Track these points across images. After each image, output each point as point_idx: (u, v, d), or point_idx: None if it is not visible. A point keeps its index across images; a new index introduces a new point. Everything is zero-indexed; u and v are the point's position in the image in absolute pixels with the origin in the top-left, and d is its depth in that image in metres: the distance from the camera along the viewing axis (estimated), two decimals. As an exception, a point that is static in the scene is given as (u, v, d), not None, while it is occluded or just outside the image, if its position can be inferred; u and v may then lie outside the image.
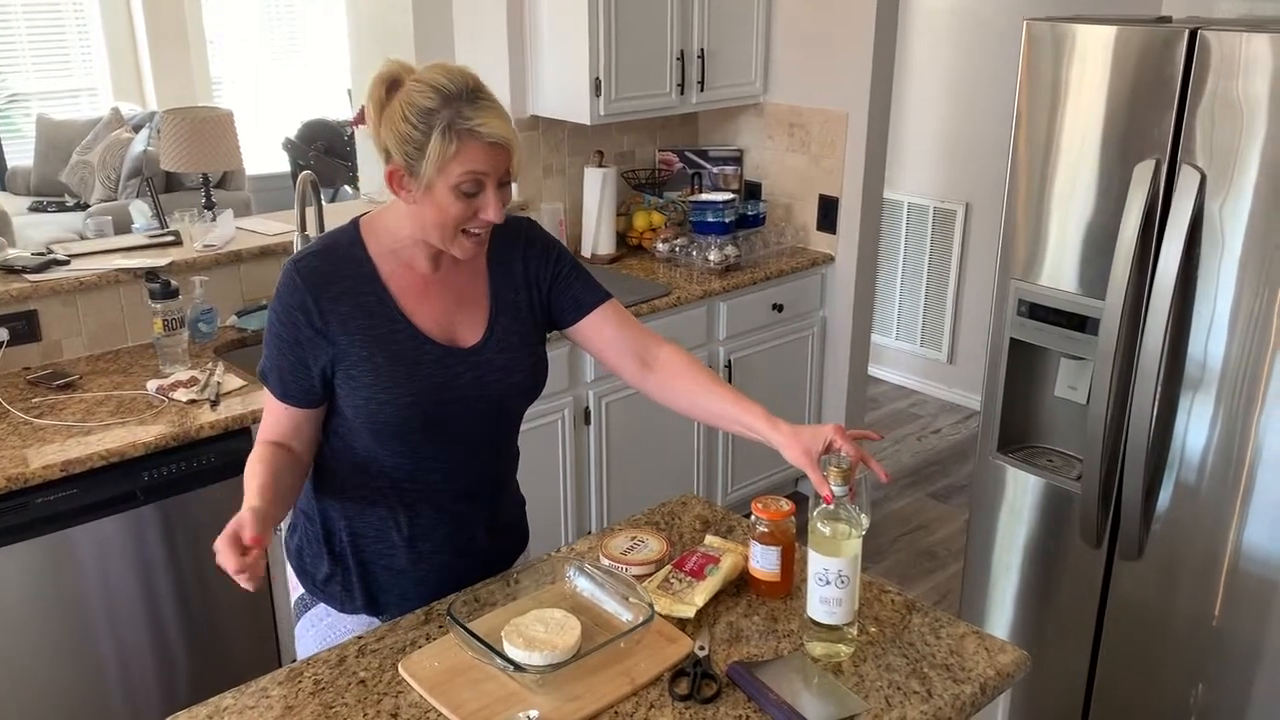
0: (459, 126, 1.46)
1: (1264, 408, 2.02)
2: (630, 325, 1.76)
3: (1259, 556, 2.09)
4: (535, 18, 3.45)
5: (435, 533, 1.70)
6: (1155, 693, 2.31)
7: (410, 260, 1.62)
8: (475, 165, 1.48)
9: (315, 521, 1.73)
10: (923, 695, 1.48)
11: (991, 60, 4.53)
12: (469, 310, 1.66)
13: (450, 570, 1.73)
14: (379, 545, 1.70)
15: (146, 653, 2.47)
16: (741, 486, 3.74)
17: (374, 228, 1.62)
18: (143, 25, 7.39)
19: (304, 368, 1.57)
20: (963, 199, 4.80)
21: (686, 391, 1.72)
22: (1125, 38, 2.09)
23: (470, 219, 1.53)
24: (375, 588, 1.72)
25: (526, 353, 1.70)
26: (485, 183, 1.50)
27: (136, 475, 2.34)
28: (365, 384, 1.57)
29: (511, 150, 1.51)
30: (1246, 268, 2.00)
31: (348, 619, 1.74)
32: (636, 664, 1.51)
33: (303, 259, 1.58)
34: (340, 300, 1.57)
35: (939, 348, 5.07)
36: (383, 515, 1.68)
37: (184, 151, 4.73)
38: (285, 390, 1.60)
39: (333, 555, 1.72)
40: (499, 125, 1.48)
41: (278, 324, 1.58)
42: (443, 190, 1.49)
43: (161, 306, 2.65)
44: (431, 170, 1.47)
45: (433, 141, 1.46)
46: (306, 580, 1.76)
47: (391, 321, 1.59)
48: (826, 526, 1.52)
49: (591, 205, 3.65)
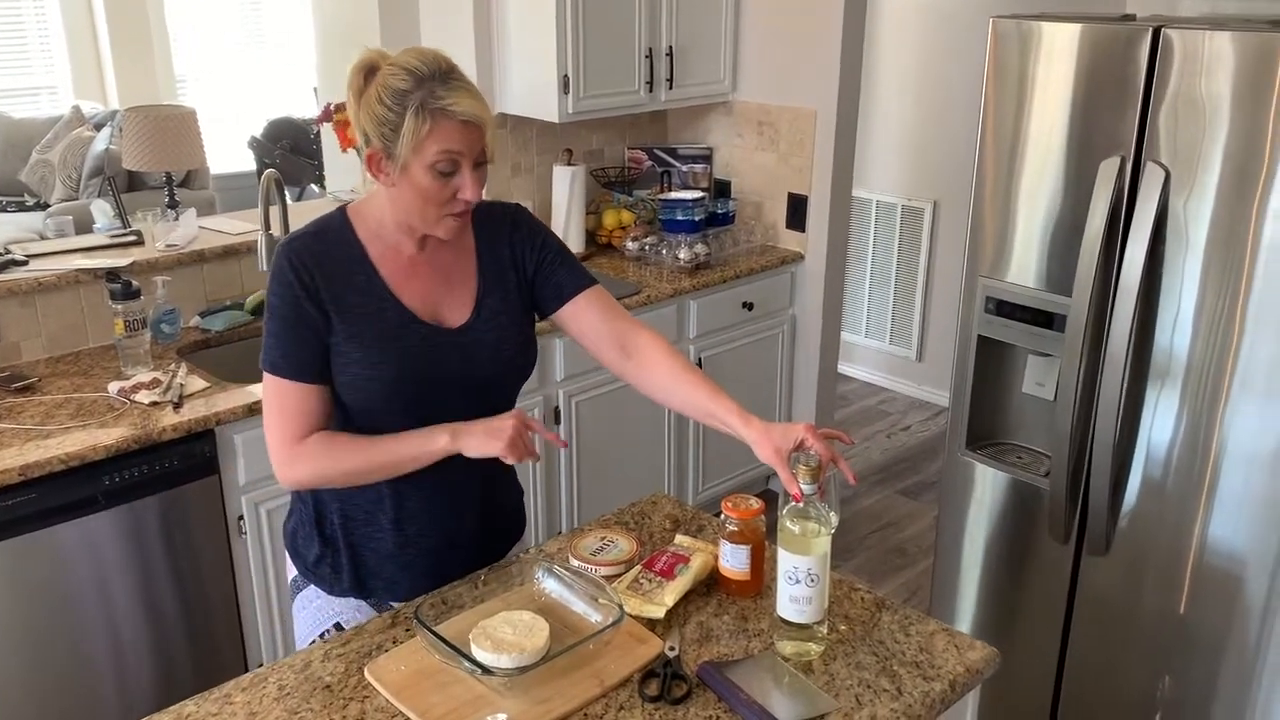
0: (432, 106, 1.49)
1: (1228, 403, 2.04)
2: (613, 312, 1.78)
3: (1224, 550, 2.11)
4: (502, 15, 3.42)
5: (423, 517, 1.70)
6: (1122, 685, 2.33)
7: (397, 243, 1.65)
8: (449, 144, 1.51)
9: (309, 504, 1.74)
10: (893, 693, 1.47)
11: (959, 58, 4.55)
12: (456, 290, 1.68)
13: (439, 556, 1.73)
14: (368, 528, 1.71)
15: (107, 660, 2.42)
16: (712, 485, 3.74)
17: (361, 214, 1.66)
18: (104, 22, 7.28)
19: (314, 340, 1.59)
20: (930, 197, 4.82)
21: (663, 381, 1.74)
22: (1090, 36, 2.10)
23: (449, 200, 1.56)
24: (363, 571, 1.73)
25: (514, 332, 1.71)
26: (461, 162, 1.53)
27: (97, 479, 2.30)
28: (353, 360, 1.59)
29: (484, 128, 1.54)
30: (1210, 264, 2.01)
31: (336, 601, 1.75)
32: (606, 665, 1.50)
33: (295, 240, 1.62)
34: (332, 280, 1.59)
35: (908, 345, 5.09)
36: (372, 498, 1.69)
37: (146, 150, 4.66)
38: (301, 368, 1.59)
39: (323, 538, 1.73)
40: (471, 104, 1.52)
41: (280, 304, 1.59)
42: (419, 170, 1.52)
43: (122, 307, 2.61)
44: (407, 150, 1.51)
45: (407, 122, 1.49)
46: (299, 562, 1.78)
47: (380, 300, 1.61)
48: (796, 525, 1.51)
49: (560, 203, 3.63)
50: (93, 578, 2.36)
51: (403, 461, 1.60)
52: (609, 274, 3.51)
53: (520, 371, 1.75)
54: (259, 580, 2.61)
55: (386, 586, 1.74)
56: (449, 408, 1.64)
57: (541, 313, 1.78)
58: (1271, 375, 1.97)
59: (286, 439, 1.60)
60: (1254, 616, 2.09)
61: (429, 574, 1.72)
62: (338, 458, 1.60)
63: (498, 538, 1.84)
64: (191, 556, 2.49)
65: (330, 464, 1.60)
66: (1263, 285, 1.95)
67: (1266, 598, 2.07)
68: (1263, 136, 1.90)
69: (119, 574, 2.39)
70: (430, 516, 1.71)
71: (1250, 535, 2.06)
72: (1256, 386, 2.00)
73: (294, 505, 1.80)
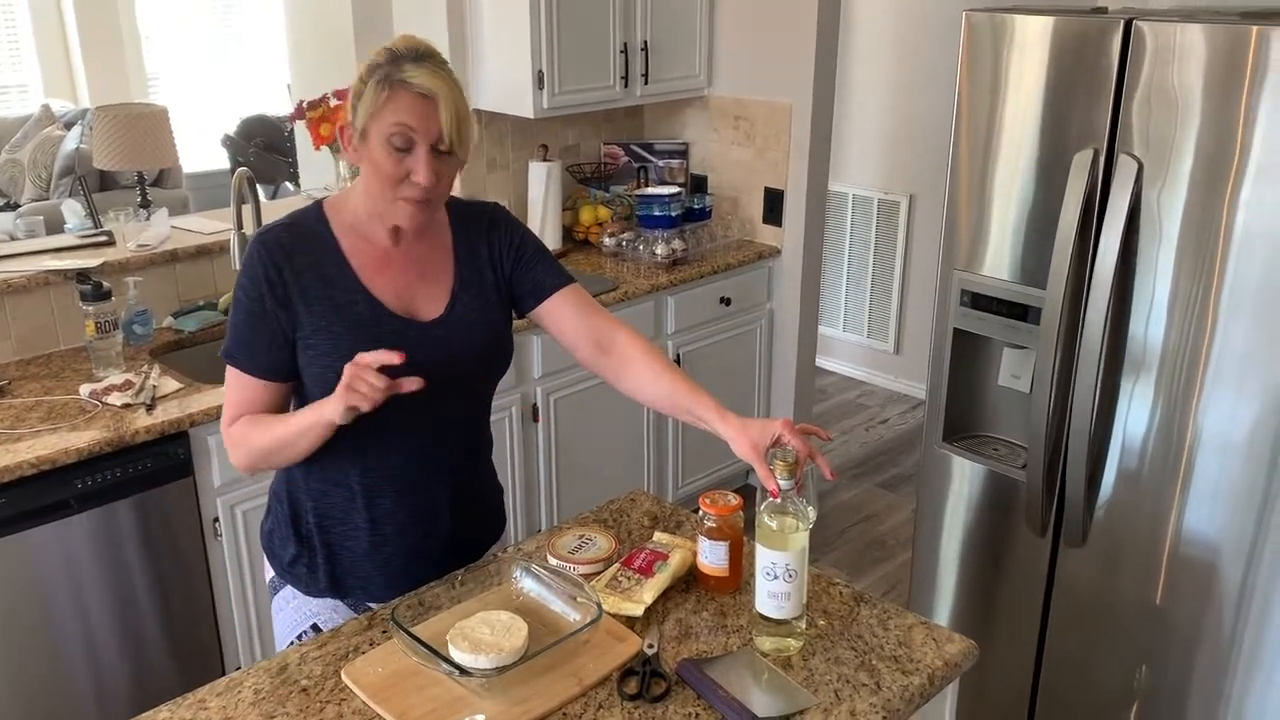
0: (394, 78, 1.51)
1: (1202, 392, 2.05)
2: (591, 310, 1.78)
3: (1199, 540, 2.12)
4: (476, 10, 3.40)
5: (398, 515, 1.69)
6: (1100, 676, 2.34)
7: (371, 235, 1.64)
8: (403, 116, 1.51)
9: (284, 503, 1.74)
10: (871, 687, 1.47)
11: (933, 51, 4.56)
12: (431, 285, 1.67)
13: (415, 555, 1.72)
14: (343, 527, 1.70)
15: (82, 666, 2.40)
16: (692, 481, 3.73)
17: (337, 207, 1.66)
18: (73, 20, 7.20)
19: (273, 337, 1.59)
20: (906, 190, 4.83)
21: (640, 378, 1.74)
22: (1062, 28, 2.10)
23: (402, 179, 1.54)
24: (339, 570, 1.72)
25: (487, 327, 1.71)
26: (415, 140, 1.52)
27: (69, 483, 2.27)
28: (323, 352, 1.59)
29: (439, 106, 1.52)
30: (1184, 255, 2.02)
31: (313, 602, 1.74)
32: (585, 664, 1.49)
33: (269, 231, 1.61)
34: (302, 272, 1.59)
35: (885, 338, 5.11)
36: (345, 496, 1.68)
37: (118, 149, 4.61)
38: (255, 363, 1.61)
39: (299, 537, 1.72)
40: (432, 81, 1.52)
41: (245, 298, 1.59)
42: (376, 142, 1.53)
43: (93, 309, 2.58)
44: (364, 116, 1.52)
45: (368, 89, 1.52)
46: (275, 562, 1.77)
47: (351, 292, 1.61)
48: (773, 521, 1.51)
49: (536, 200, 3.61)
50: (66, 583, 2.33)
51: (295, 435, 1.56)
52: (586, 270, 3.50)
53: (493, 367, 1.75)
54: (235, 582, 2.59)
55: (362, 586, 1.73)
56: (421, 402, 1.62)
57: (519, 310, 1.78)
58: (1244, 364, 1.99)
59: (225, 422, 1.64)
60: (1229, 605, 2.11)
61: (405, 574, 1.71)
62: (252, 439, 1.60)
63: (475, 538, 1.82)
64: (167, 559, 2.47)
65: (249, 446, 1.61)
66: (1235, 275, 1.97)
67: (1241, 587, 2.08)
68: (1234, 127, 1.91)
69: (93, 578, 2.37)
70: (405, 516, 1.70)
71: (1225, 525, 2.08)
72: (1230, 376, 2.01)
73: (270, 505, 1.79)
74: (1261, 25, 1.86)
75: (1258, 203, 1.91)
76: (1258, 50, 1.86)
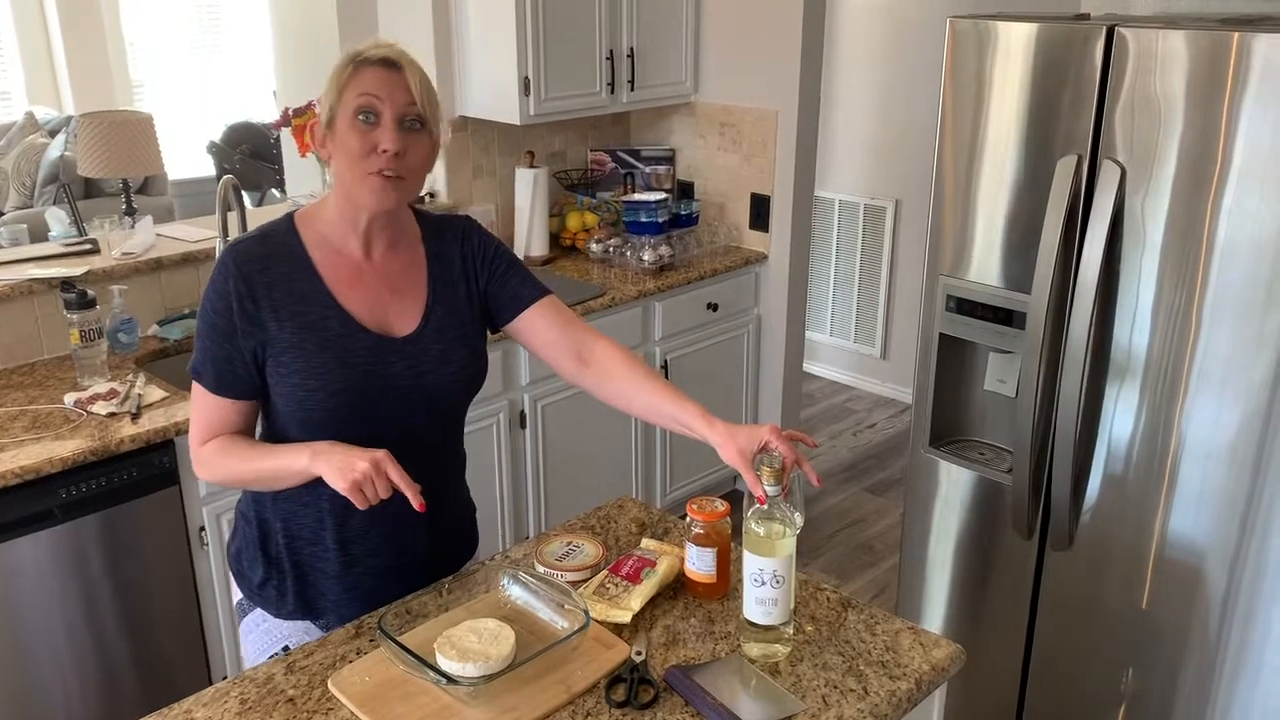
0: (358, 60, 1.53)
1: (1186, 397, 2.06)
2: (568, 321, 1.76)
3: (1184, 543, 2.13)
4: (462, 18, 3.41)
5: (370, 536, 1.67)
6: (1087, 679, 2.35)
7: (342, 247, 1.62)
8: (366, 87, 1.51)
9: (252, 524, 1.70)
10: (859, 693, 1.48)
11: (919, 58, 4.58)
12: (404, 300, 1.65)
13: (387, 576, 1.70)
14: (313, 548, 1.67)
15: (68, 676, 2.38)
16: (681, 485, 3.74)
17: (308, 219, 1.63)
18: (57, 27, 7.17)
19: (239, 355, 1.56)
20: (893, 196, 4.85)
21: (623, 388, 1.72)
22: (1045, 35, 2.11)
23: (370, 152, 1.52)
24: (310, 592, 1.70)
25: (463, 344, 1.68)
26: (380, 110, 1.51)
27: (54, 492, 2.26)
28: (294, 370, 1.55)
29: (405, 74, 1.53)
30: (1167, 260, 2.03)
31: (284, 624, 1.71)
32: (573, 672, 1.49)
33: (239, 244, 1.58)
34: (273, 286, 1.56)
35: (872, 343, 5.12)
36: (315, 517, 1.65)
37: (102, 156, 4.59)
38: (221, 382, 1.58)
39: (268, 559, 1.69)
40: (393, 51, 1.53)
41: (212, 313, 1.56)
42: (343, 124, 1.52)
43: (77, 317, 2.57)
44: (332, 99, 1.53)
45: (332, 78, 1.54)
46: (244, 584, 1.74)
47: (323, 308, 1.58)
48: (761, 527, 1.51)
49: (523, 206, 3.61)
50: (50, 593, 2.31)
51: (272, 475, 1.57)
52: (573, 276, 3.50)
53: (468, 384, 1.71)
54: (221, 592, 2.58)
55: (334, 608, 1.70)
56: (395, 419, 1.62)
57: (495, 324, 1.76)
58: (1228, 369, 2.00)
59: (194, 440, 1.62)
60: (1214, 609, 2.12)
61: (378, 595, 1.68)
62: (226, 466, 1.59)
63: (448, 558, 1.79)
64: (152, 569, 2.46)
65: (222, 471, 1.60)
66: (1218, 280, 1.98)
67: (1226, 590, 2.09)
68: (1216, 133, 1.93)
69: (77, 589, 2.35)
70: (377, 536, 1.67)
71: (1209, 529, 2.09)
72: (1213, 381, 2.02)
73: (237, 525, 1.75)
74: (1243, 32, 1.87)
75: (1240, 209, 1.93)
76: (1239, 57, 1.87)
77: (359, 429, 1.59)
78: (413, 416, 1.64)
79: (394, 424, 1.62)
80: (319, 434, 1.57)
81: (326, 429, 1.57)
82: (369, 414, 1.60)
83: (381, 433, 1.60)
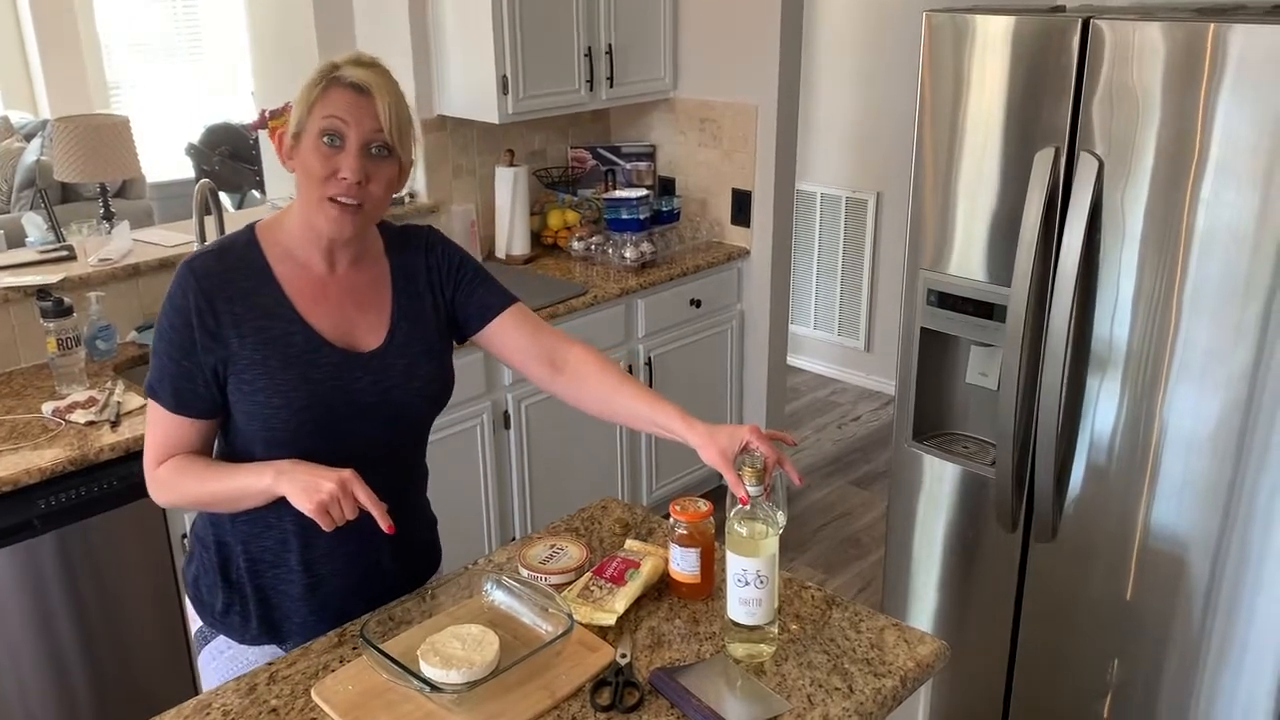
0: (330, 77, 1.50)
1: (1167, 388, 2.07)
2: (538, 328, 1.73)
3: (1166, 534, 2.14)
4: (439, 17, 3.39)
5: (335, 556, 1.63)
6: (1073, 670, 2.36)
7: (306, 260, 1.58)
8: (334, 109, 1.48)
9: (210, 549, 1.65)
10: (844, 691, 1.48)
11: (897, 50, 4.58)
12: (369, 314, 1.61)
13: (354, 595, 1.66)
14: (276, 570, 1.63)
15: (49, 690, 2.36)
16: (666, 483, 3.73)
17: (270, 230, 1.59)
18: (31, 30, 7.11)
19: (199, 372, 1.52)
20: (874, 188, 4.85)
21: (598, 393, 1.69)
22: (1022, 27, 2.11)
23: (330, 175, 1.49)
24: (276, 615, 1.65)
25: (429, 358, 1.65)
26: (346, 135, 1.48)
27: (33, 503, 2.24)
28: (258, 388, 1.51)
29: (375, 99, 1.49)
30: (1146, 251, 2.04)
31: (250, 650, 1.67)
32: (557, 676, 1.49)
33: (197, 259, 1.54)
34: (234, 301, 1.52)
35: (856, 336, 5.13)
36: (277, 539, 1.61)
37: (79, 161, 4.55)
38: (180, 401, 1.53)
39: (229, 584, 1.65)
40: (366, 74, 1.49)
41: (169, 329, 1.52)
42: (308, 143, 1.49)
43: (54, 325, 2.54)
44: (301, 114, 1.50)
45: (302, 92, 1.50)
46: (205, 612, 1.69)
47: (287, 323, 1.54)
48: (744, 527, 1.51)
49: (504, 205, 3.60)
50: (32, 605, 2.29)
51: (233, 495, 1.52)
52: (555, 275, 3.49)
53: (434, 399, 1.67)
54: (206, 599, 2.56)
55: (300, 631, 1.66)
56: (361, 435, 1.59)
57: (463, 334, 1.73)
58: (1207, 360, 2.01)
59: (149, 462, 1.57)
60: (1197, 598, 2.13)
61: (344, 615, 1.65)
62: (182, 488, 1.54)
63: (414, 573, 1.76)
64: (134, 579, 2.44)
65: (178, 493, 1.55)
66: (1196, 271, 1.98)
67: (1209, 580, 2.10)
68: (1192, 125, 1.93)
69: (58, 600, 2.33)
70: (343, 556, 1.63)
71: (1192, 519, 2.10)
72: (1193, 371, 2.03)
73: (193, 550, 1.70)
74: (1218, 23, 1.87)
75: (1217, 200, 1.93)
76: (1215, 48, 1.88)
77: (323, 445, 1.55)
78: (378, 432, 1.61)
79: (359, 439, 1.59)
80: (283, 451, 1.53)
81: (290, 446, 1.53)
82: (334, 430, 1.56)
83: (347, 449, 1.56)
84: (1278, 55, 1.82)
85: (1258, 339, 1.94)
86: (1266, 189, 1.87)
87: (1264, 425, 1.97)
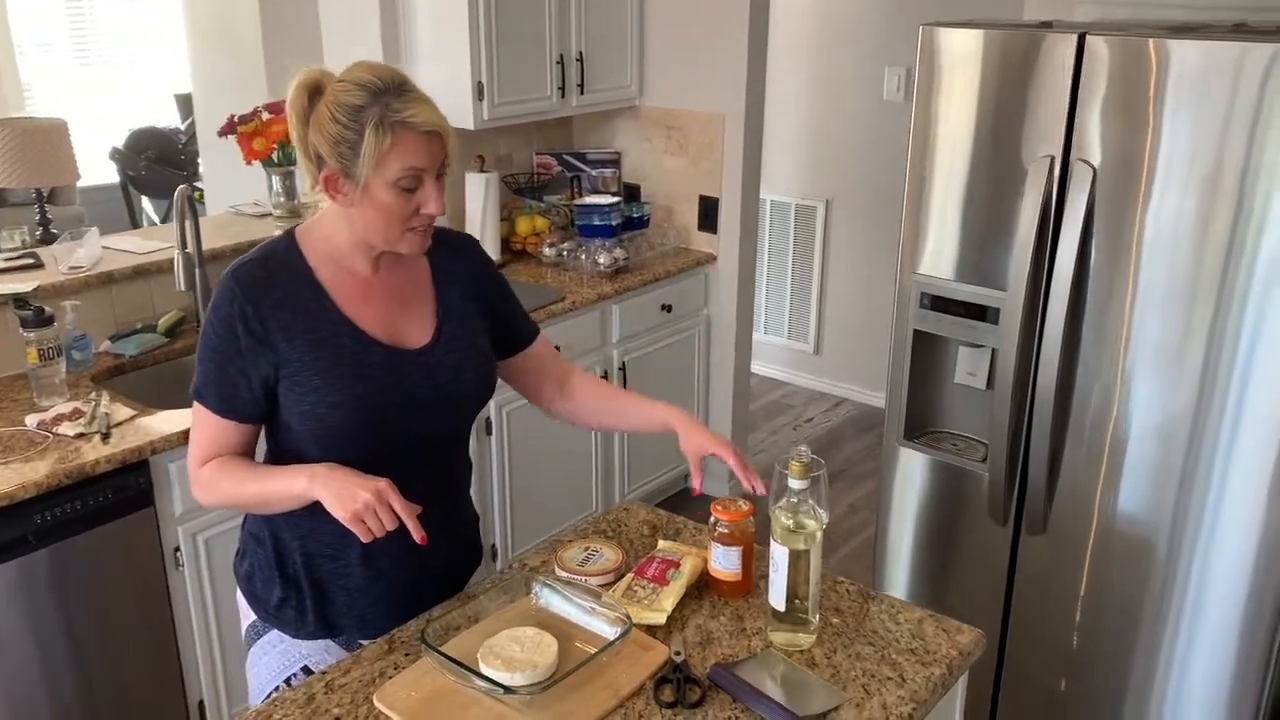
0: (391, 119, 1.45)
1: (1128, 382, 2.17)
2: (555, 354, 1.87)
3: (1141, 520, 2.24)
4: (410, 23, 3.37)
5: (393, 548, 1.64)
6: (1063, 662, 2.45)
7: (350, 265, 1.60)
8: (412, 160, 1.47)
9: (266, 545, 1.67)
10: (897, 680, 1.53)
11: (846, 60, 4.68)
12: (414, 312, 1.65)
13: (409, 587, 1.70)
14: (335, 564, 1.65)
15: (41, 703, 2.29)
16: (638, 486, 3.76)
17: (310, 236, 1.60)
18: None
19: (245, 379, 1.54)
20: (823, 196, 4.95)
21: (612, 406, 1.86)
22: (1016, 42, 2.20)
23: (412, 215, 1.52)
24: (331, 610, 1.67)
25: (475, 354, 1.70)
26: (424, 176, 1.50)
27: (27, 518, 2.17)
28: (312, 389, 1.54)
29: (446, 138, 1.51)
30: (1137, 256, 2.14)
31: (303, 644, 1.69)
32: (618, 675, 1.51)
33: (241, 267, 1.56)
34: (280, 307, 1.54)
35: (805, 339, 5.23)
36: (337, 532, 1.59)
37: (13, 165, 4.41)
38: (226, 405, 1.55)
39: (286, 579, 1.66)
40: (431, 114, 1.49)
41: (215, 336, 1.53)
42: (380, 188, 1.48)
43: (35, 335, 2.46)
44: (368, 168, 1.47)
45: (366, 139, 1.45)
46: (259, 607, 1.70)
47: (334, 325, 1.56)
48: (789, 519, 1.56)
49: (475, 211, 3.59)
50: (27, 620, 2.22)
51: (268, 499, 1.56)
52: (528, 280, 3.50)
53: (481, 394, 1.72)
54: (198, 614, 2.50)
55: (357, 624, 1.69)
56: (415, 431, 1.62)
57: (496, 357, 1.79)
58: (1158, 355, 2.12)
59: (194, 461, 1.60)
60: (1158, 573, 2.24)
61: (399, 607, 1.68)
62: (221, 488, 1.57)
63: (462, 564, 1.81)
64: (128, 592, 2.38)
65: (217, 493, 1.58)
66: (1144, 272, 2.09)
67: (1171, 568, 2.21)
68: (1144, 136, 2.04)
69: (54, 614, 2.27)
70: (400, 548, 1.63)
71: (1150, 505, 2.21)
72: (1148, 365, 2.14)
73: (247, 546, 1.71)
74: (1158, 38, 2.00)
75: (1163, 208, 2.04)
76: (1159, 62, 1.99)
77: (377, 443, 1.58)
78: (429, 426, 1.64)
79: (411, 434, 1.62)
80: (336, 449, 1.55)
81: (345, 444, 1.56)
82: (388, 427, 1.59)
83: (399, 444, 1.60)
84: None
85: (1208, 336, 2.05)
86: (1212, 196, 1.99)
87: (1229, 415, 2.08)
